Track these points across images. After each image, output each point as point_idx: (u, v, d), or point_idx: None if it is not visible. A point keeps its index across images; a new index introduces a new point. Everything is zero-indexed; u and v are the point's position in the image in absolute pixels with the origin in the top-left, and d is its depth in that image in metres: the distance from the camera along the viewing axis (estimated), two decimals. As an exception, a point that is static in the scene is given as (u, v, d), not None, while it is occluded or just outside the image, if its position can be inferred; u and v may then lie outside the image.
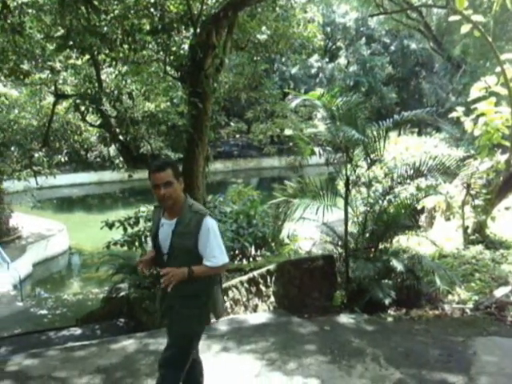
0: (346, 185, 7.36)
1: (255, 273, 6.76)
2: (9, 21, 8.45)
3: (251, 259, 13.26)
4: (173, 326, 4.01)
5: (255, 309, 6.77)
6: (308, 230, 16.54)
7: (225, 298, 7.54)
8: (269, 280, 6.38)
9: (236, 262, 12.66)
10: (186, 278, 3.71)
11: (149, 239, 4.12)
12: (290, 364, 5.15)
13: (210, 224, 3.83)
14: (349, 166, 7.41)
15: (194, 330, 3.97)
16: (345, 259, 7.40)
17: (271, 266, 6.41)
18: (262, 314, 6.39)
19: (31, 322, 15.82)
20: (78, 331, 10.78)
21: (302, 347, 5.53)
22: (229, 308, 7.41)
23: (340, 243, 7.67)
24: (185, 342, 3.95)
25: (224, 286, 7.83)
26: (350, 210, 7.58)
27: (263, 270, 6.58)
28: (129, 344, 5.67)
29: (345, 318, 6.45)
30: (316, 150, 7.51)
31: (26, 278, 20.37)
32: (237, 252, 13.29)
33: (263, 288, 6.53)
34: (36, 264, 21.12)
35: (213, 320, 6.84)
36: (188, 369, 4.01)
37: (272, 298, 6.41)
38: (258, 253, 13.47)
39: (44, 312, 16.74)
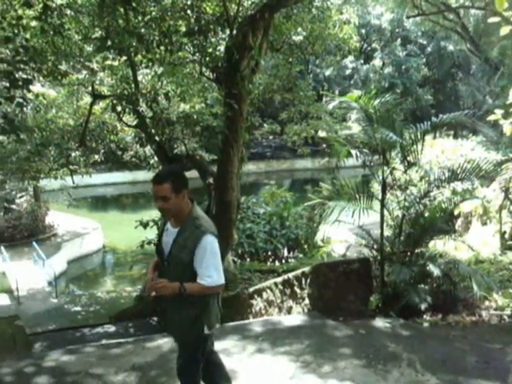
0: (383, 187, 7.28)
1: (290, 275, 6.75)
2: (50, 22, 8.62)
3: (283, 261, 13.29)
4: (171, 331, 4.11)
5: (289, 311, 6.76)
6: (340, 232, 16.51)
7: (259, 299, 7.57)
8: (303, 282, 6.35)
9: (268, 264, 12.71)
10: (176, 293, 3.68)
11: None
12: (325, 367, 5.13)
13: (209, 242, 3.73)
14: (385, 168, 7.34)
15: (190, 338, 3.92)
16: (380, 263, 7.33)
17: (306, 268, 6.39)
18: (296, 316, 6.37)
19: (65, 319, 16.12)
20: (111, 328, 10.91)
21: (337, 350, 5.49)
22: (262, 309, 7.43)
23: (375, 246, 7.60)
24: (189, 349, 3.95)
25: (258, 287, 7.86)
26: (385, 213, 7.50)
27: (298, 271, 6.56)
28: (164, 343, 5.71)
29: (380, 322, 6.38)
30: (352, 152, 7.43)
31: (60, 275, 20.77)
32: (269, 253, 13.34)
33: (298, 290, 6.51)
34: (71, 261, 21.50)
35: (247, 320, 6.86)
36: (206, 368, 4.04)
37: (306, 301, 6.38)
38: (291, 254, 13.48)
39: (78, 309, 17.05)
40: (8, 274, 19.79)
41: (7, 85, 6.52)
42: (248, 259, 12.60)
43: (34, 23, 9.64)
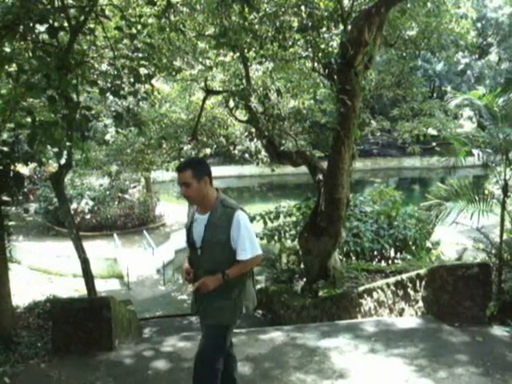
0: (504, 189, 6.91)
1: (403, 276, 6.58)
2: (169, 19, 8.94)
3: (390, 261, 13.01)
4: (206, 318, 4.02)
5: (401, 313, 6.60)
6: (450, 235, 15.93)
7: (368, 298, 7.46)
8: (418, 284, 6.18)
9: (374, 263, 12.50)
10: (221, 282, 3.79)
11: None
12: (440, 372, 4.95)
13: (242, 218, 3.86)
14: (508, 169, 6.96)
15: (226, 323, 3.95)
16: (498, 268, 6.98)
17: (422, 270, 6.20)
18: (409, 319, 6.20)
19: (172, 306, 16.74)
20: (217, 319, 11.07)
21: (453, 356, 5.29)
22: (372, 309, 7.30)
23: (493, 251, 7.25)
24: (218, 335, 3.94)
25: (369, 286, 7.73)
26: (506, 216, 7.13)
27: (412, 273, 6.38)
28: (277, 336, 5.76)
29: (498, 331, 6.07)
30: (474, 151, 7.11)
31: (168, 264, 21.55)
32: (375, 253, 13.11)
33: (411, 292, 6.34)
34: (178, 251, 22.20)
35: (360, 320, 6.78)
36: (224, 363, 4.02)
37: (420, 303, 6.19)
38: (398, 255, 13.17)
39: (184, 297, 17.63)
40: (119, 260, 20.80)
41: (131, 80, 6.83)
42: (353, 258, 12.45)
43: (150, 20, 10.01)
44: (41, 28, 6.67)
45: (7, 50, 6.58)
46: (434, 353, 5.32)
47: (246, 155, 15.15)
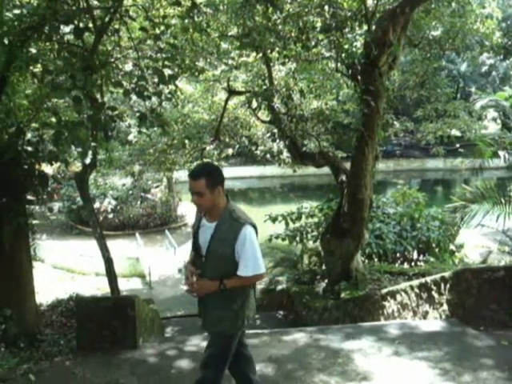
0: (531, 192, 6.83)
1: (428, 278, 6.51)
2: (193, 20, 8.96)
3: (413, 263, 12.88)
4: (207, 325, 3.99)
5: (425, 316, 6.53)
6: (474, 238, 15.75)
7: (392, 301, 7.40)
8: (442, 287, 6.11)
9: (397, 265, 12.39)
10: (217, 290, 3.75)
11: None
12: (465, 376, 4.89)
13: (249, 233, 3.74)
14: (535, 171, 6.88)
15: (227, 333, 3.90)
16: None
17: (446, 273, 6.13)
18: (434, 322, 6.14)
19: (193, 306, 16.70)
20: (238, 319, 11.07)
21: (478, 360, 5.22)
22: (396, 312, 7.25)
23: (519, 254, 7.16)
24: (223, 343, 3.92)
25: (392, 289, 7.68)
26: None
27: (437, 276, 6.31)
28: (300, 337, 5.75)
29: (524, 335, 6.00)
30: (500, 153, 7.03)
31: (190, 264, 21.60)
32: (398, 255, 12.99)
33: (435, 295, 6.27)
34: (200, 251, 22.24)
35: (383, 322, 6.73)
36: (236, 360, 4.04)
37: (444, 306, 6.12)
38: (421, 257, 13.04)
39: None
40: (141, 259, 20.94)
41: (155, 80, 6.86)
42: (376, 260, 12.36)
43: (173, 21, 10.05)
44: (65, 29, 6.76)
45: (33, 50, 6.66)
46: (459, 356, 5.26)
47: (268, 156, 15.13)
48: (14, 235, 6.96)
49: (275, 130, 12.39)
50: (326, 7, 9.58)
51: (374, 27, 9.27)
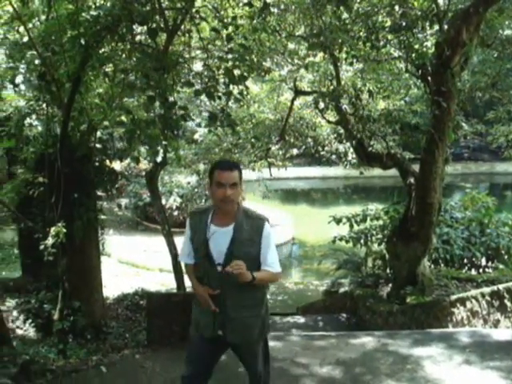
0: None
1: (500, 286, 6.31)
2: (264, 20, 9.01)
3: (481, 270, 12.49)
4: (232, 335, 3.73)
5: (496, 324, 6.33)
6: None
7: (461, 308, 7.20)
8: (516, 295, 5.92)
9: (464, 271, 12.05)
10: (247, 280, 3.50)
11: (187, 249, 4.01)
12: (539, 389, 4.72)
13: (270, 229, 3.76)
14: None
15: (259, 339, 3.87)
16: None
17: (521, 281, 5.93)
18: (505, 331, 5.94)
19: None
20: (300, 320, 11.16)
21: (552, 373, 5.02)
22: (465, 319, 7.05)
23: None
24: (262, 345, 3.97)
25: (461, 295, 7.48)
26: None
27: (510, 283, 6.11)
28: (367, 341, 5.69)
29: None
30: None
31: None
32: (465, 261, 12.63)
33: (508, 303, 6.07)
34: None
35: (453, 329, 6.57)
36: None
37: (518, 315, 5.93)
38: (489, 264, 12.64)
39: (267, 296, 17.73)
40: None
41: (225, 81, 6.94)
42: (442, 265, 12.06)
43: (242, 22, 10.12)
44: (137, 29, 6.93)
45: (106, 50, 6.86)
46: (533, 368, 5.07)
47: (334, 157, 15.03)
48: (85, 230, 7.22)
49: (341, 131, 12.28)
50: (396, 7, 9.46)
51: (445, 27, 9.07)
